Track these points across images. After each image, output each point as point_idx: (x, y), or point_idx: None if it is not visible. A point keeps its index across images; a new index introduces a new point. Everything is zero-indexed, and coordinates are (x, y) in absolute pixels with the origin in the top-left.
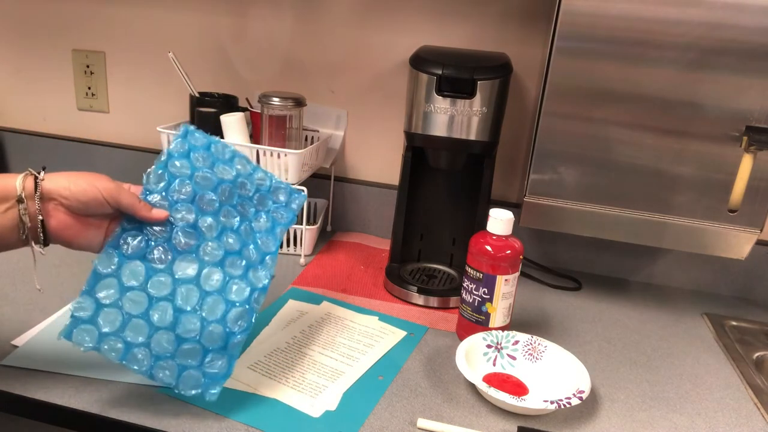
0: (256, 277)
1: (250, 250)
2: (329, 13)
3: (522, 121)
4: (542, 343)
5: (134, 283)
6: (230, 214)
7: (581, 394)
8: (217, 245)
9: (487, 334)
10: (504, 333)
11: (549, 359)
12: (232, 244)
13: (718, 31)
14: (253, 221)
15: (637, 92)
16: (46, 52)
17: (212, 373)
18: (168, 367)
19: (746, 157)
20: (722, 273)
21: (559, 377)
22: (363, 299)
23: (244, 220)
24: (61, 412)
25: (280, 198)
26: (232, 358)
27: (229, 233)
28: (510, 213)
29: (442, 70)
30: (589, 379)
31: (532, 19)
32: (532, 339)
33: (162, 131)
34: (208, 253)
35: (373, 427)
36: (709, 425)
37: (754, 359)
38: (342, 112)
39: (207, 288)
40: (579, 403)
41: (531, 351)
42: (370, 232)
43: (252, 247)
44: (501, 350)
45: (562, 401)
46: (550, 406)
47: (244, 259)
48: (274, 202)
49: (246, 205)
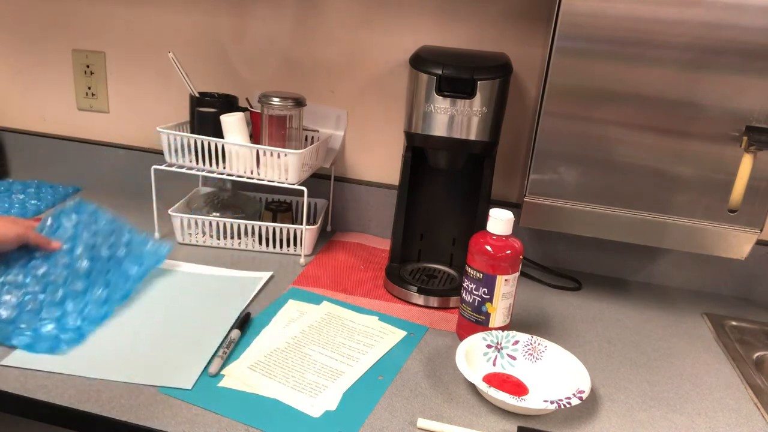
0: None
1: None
2: (329, 13)
3: (522, 121)
4: (542, 343)
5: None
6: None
7: (581, 394)
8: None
9: (487, 334)
10: (504, 333)
11: (549, 359)
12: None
13: (718, 31)
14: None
15: (637, 92)
16: (46, 52)
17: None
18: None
19: (746, 157)
20: (722, 273)
21: (559, 377)
22: (363, 299)
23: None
24: (61, 412)
25: (131, 265)
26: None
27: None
28: (510, 213)
29: (442, 70)
30: (589, 379)
31: (532, 19)
32: (532, 339)
33: (162, 131)
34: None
35: (373, 427)
36: (709, 425)
37: (754, 359)
38: (342, 112)
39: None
40: (579, 403)
41: (531, 351)
42: (370, 232)
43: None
44: (501, 350)
45: (562, 401)
46: (550, 406)
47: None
48: (128, 260)
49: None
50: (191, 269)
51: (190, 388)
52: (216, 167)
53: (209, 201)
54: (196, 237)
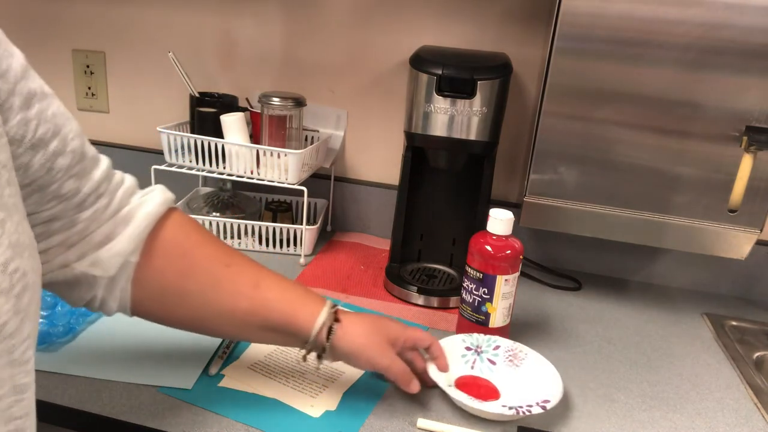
0: None
1: None
2: (329, 13)
3: (522, 121)
4: (523, 350)
5: None
6: None
7: (545, 404)
8: None
9: (468, 336)
10: (485, 337)
11: (528, 367)
12: None
13: (718, 31)
14: None
15: (637, 92)
16: (46, 52)
17: None
18: None
19: (746, 157)
20: (722, 273)
21: (534, 385)
22: (363, 299)
23: None
24: (61, 412)
25: None
26: None
27: None
28: (510, 213)
29: (442, 70)
30: (561, 390)
31: (532, 19)
32: (513, 345)
33: (162, 131)
34: None
35: (373, 427)
36: (709, 425)
37: (754, 359)
38: (342, 112)
39: None
40: (541, 412)
41: (512, 357)
42: (370, 232)
43: None
44: (481, 354)
45: (522, 408)
46: (508, 411)
47: None
48: None
49: None
50: None
51: (190, 389)
52: (216, 167)
53: (209, 201)
54: None
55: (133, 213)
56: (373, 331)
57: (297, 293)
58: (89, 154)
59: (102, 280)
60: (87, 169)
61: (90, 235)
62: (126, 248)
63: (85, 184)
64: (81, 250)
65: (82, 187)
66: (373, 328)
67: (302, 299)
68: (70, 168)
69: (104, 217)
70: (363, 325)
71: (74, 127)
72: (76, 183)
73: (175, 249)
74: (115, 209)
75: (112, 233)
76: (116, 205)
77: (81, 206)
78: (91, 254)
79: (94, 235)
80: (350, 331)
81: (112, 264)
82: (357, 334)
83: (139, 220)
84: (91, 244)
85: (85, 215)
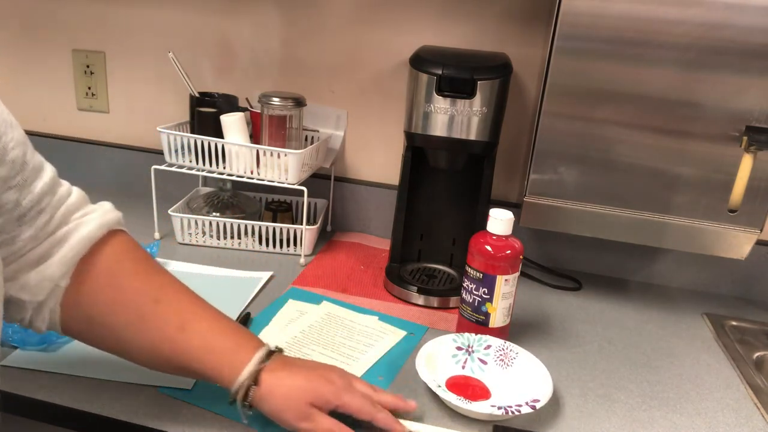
0: None
1: None
2: (329, 13)
3: (522, 121)
4: (514, 350)
5: None
6: None
7: (535, 403)
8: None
9: (458, 335)
10: (476, 336)
11: (519, 366)
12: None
13: (718, 31)
14: None
15: (637, 92)
16: (46, 52)
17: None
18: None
19: (746, 157)
20: (722, 273)
21: (525, 385)
22: (363, 299)
23: None
24: (61, 412)
25: None
26: None
27: None
28: (510, 213)
29: (442, 70)
30: (551, 390)
31: (532, 19)
32: (504, 345)
33: (162, 131)
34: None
35: None
36: (709, 425)
37: (754, 359)
38: (342, 112)
39: None
40: (530, 411)
41: (503, 357)
42: (370, 232)
43: None
44: (472, 353)
45: (511, 407)
46: (497, 411)
47: None
48: None
49: None
50: (191, 269)
51: (189, 389)
52: (216, 167)
53: (209, 201)
54: (196, 237)
55: (69, 234)
56: (296, 395)
57: (224, 344)
58: (31, 164)
59: (31, 303)
60: (28, 180)
61: (26, 255)
62: (56, 273)
63: (26, 197)
64: (15, 269)
65: (22, 199)
66: (296, 391)
67: (228, 352)
68: (9, 179)
69: (42, 236)
70: (285, 387)
71: (16, 135)
72: (15, 194)
73: (105, 278)
74: (53, 228)
75: (47, 254)
76: (55, 224)
77: (21, 220)
78: (22, 277)
79: (30, 255)
80: (270, 392)
81: (41, 288)
82: (276, 396)
83: (72, 243)
84: (24, 263)
85: (26, 234)
